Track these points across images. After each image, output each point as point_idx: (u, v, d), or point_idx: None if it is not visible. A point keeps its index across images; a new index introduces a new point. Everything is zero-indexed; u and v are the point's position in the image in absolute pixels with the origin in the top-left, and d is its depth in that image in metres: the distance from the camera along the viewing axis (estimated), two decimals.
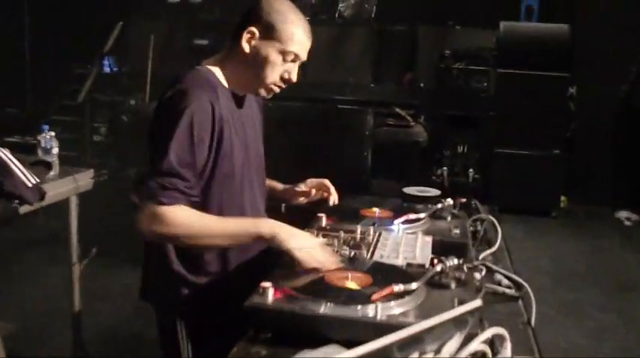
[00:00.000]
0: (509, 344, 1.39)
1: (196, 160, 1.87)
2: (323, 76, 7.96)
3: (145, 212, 1.83)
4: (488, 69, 6.95)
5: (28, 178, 2.66)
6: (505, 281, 1.92)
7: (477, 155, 6.95)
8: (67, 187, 2.99)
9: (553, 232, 6.44)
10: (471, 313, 1.38)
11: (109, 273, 4.46)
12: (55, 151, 2.98)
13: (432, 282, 1.64)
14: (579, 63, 6.83)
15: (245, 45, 1.95)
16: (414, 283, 1.55)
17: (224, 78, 2.02)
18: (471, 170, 6.88)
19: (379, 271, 1.68)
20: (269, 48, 1.94)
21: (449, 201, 2.31)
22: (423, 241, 1.97)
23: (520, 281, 1.91)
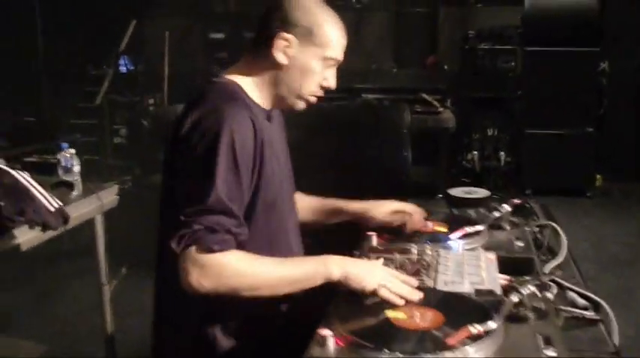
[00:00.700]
0: None
1: (244, 191, 1.62)
2: (344, 64, 7.78)
3: (192, 263, 1.51)
4: (514, 47, 6.72)
5: (50, 202, 2.51)
6: (581, 301, 1.74)
7: (507, 137, 6.74)
8: (92, 206, 2.84)
9: (591, 214, 6.21)
10: None
11: (137, 286, 4.27)
12: (77, 169, 2.83)
13: (508, 315, 1.46)
14: (609, 37, 6.57)
15: (279, 55, 1.72)
16: (490, 322, 1.37)
17: (253, 91, 1.77)
18: (502, 153, 6.68)
19: (448, 305, 1.50)
20: (308, 55, 1.73)
21: (506, 207, 2.11)
22: (486, 259, 1.78)
23: (597, 300, 1.74)
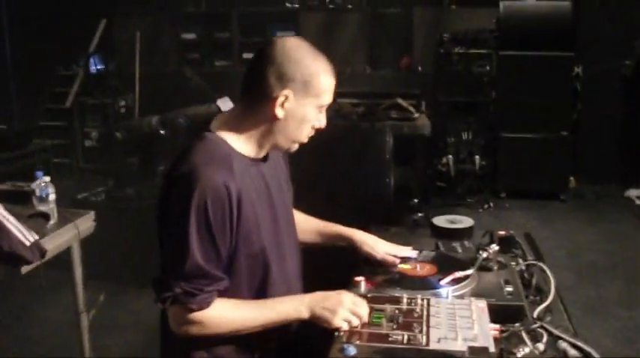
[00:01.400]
0: None
1: (220, 249, 1.70)
2: None
3: (175, 319, 1.71)
4: (489, 51, 6.71)
5: (25, 236, 2.44)
6: (572, 352, 1.72)
7: (482, 141, 6.74)
8: (68, 235, 2.78)
9: (565, 218, 6.26)
10: None
11: (114, 302, 4.23)
12: (52, 198, 2.75)
13: None
14: (583, 41, 6.61)
15: (279, 110, 1.76)
16: None
17: (242, 144, 1.81)
18: (477, 156, 6.68)
19: None
20: (306, 107, 1.78)
21: (494, 247, 2.09)
22: (477, 309, 1.76)
23: (589, 350, 1.72)
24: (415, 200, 5.83)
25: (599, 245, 5.55)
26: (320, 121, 1.85)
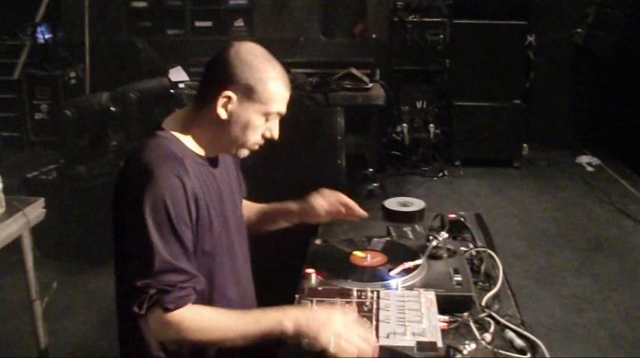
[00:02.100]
0: None
1: (186, 245, 1.67)
2: (271, 34, 7.65)
3: (154, 323, 1.63)
4: (443, 20, 6.71)
5: None
6: (518, 341, 1.77)
7: (436, 109, 6.79)
8: (18, 225, 2.72)
9: (517, 185, 6.36)
10: None
11: (69, 281, 4.19)
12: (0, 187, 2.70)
13: None
14: (536, 10, 6.65)
15: (221, 111, 1.74)
16: None
17: (193, 143, 1.80)
18: (431, 125, 6.73)
19: None
20: (250, 111, 1.75)
21: (443, 235, 2.11)
22: (426, 301, 1.79)
23: (535, 340, 1.77)
24: (370, 169, 5.89)
25: (550, 212, 5.67)
26: (270, 130, 1.83)
